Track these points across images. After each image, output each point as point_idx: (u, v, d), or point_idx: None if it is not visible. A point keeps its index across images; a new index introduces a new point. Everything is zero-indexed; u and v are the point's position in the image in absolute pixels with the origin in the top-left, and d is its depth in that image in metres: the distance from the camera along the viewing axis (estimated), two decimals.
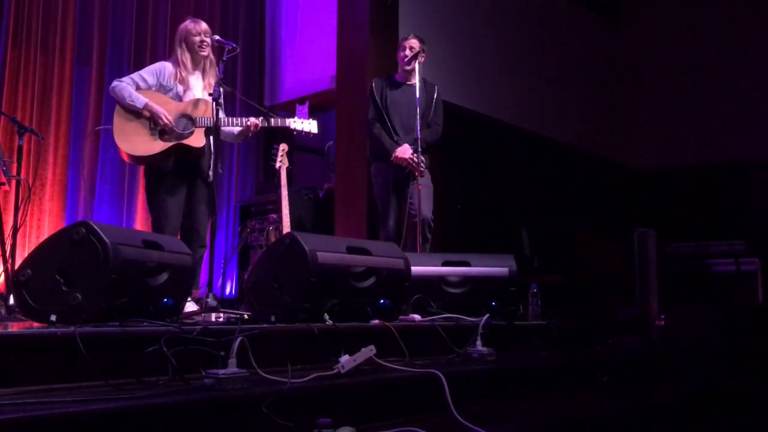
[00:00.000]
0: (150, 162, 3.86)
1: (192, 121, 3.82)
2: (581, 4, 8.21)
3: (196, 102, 3.87)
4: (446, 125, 4.79)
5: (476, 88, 6.54)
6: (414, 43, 4.61)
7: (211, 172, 3.41)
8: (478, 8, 6.74)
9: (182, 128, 3.80)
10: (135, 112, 3.80)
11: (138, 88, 3.86)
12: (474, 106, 6.45)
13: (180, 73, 3.93)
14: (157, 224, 3.85)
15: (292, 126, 4.04)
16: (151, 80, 3.91)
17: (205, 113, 3.80)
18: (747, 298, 5.71)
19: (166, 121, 3.76)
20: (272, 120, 3.99)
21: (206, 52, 3.98)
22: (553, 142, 7.37)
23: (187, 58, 3.97)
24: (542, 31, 7.53)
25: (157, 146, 3.77)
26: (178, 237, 3.82)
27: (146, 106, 3.77)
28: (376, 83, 4.70)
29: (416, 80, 4.46)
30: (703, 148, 8.15)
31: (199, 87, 3.98)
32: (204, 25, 4.01)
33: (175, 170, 3.84)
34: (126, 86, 3.82)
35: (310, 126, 4.08)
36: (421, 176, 4.41)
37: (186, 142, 3.79)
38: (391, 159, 4.46)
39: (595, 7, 8.52)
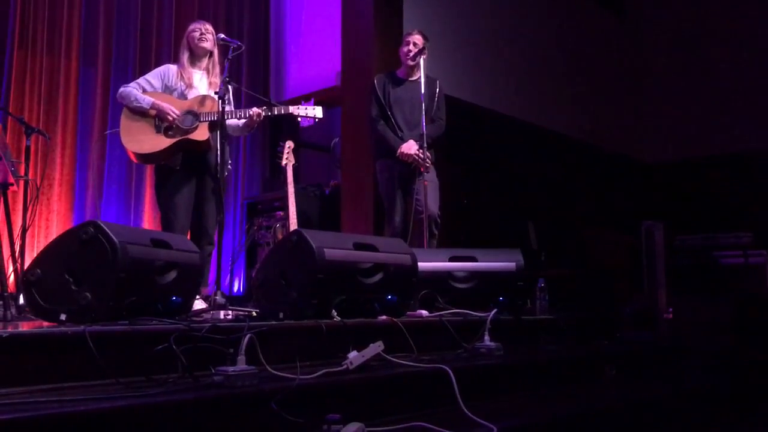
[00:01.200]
0: (157, 160, 3.88)
1: (197, 117, 3.82)
2: None
3: (203, 99, 3.87)
4: (452, 120, 4.78)
5: (482, 83, 6.52)
6: (417, 38, 4.59)
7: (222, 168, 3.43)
8: (483, 2, 6.73)
9: (188, 124, 3.81)
10: (141, 112, 3.83)
11: (144, 91, 3.89)
12: (479, 100, 6.44)
13: (182, 72, 3.96)
14: (166, 222, 3.87)
15: (296, 113, 3.95)
16: (157, 83, 3.94)
17: (212, 109, 3.81)
18: (755, 291, 5.68)
19: (174, 115, 3.77)
20: (275, 108, 3.91)
21: (206, 44, 3.99)
22: (559, 135, 7.35)
23: (187, 54, 4.00)
24: (548, 23, 7.50)
25: (163, 143, 3.79)
26: (188, 235, 3.83)
27: (153, 105, 3.80)
28: (378, 80, 4.68)
29: (420, 76, 4.45)
30: (711, 140, 8.12)
31: (203, 86, 3.99)
32: (207, 24, 4.06)
33: (183, 168, 3.85)
34: (132, 90, 3.87)
35: (315, 111, 3.98)
36: (427, 172, 4.40)
37: (190, 136, 3.79)
38: (397, 155, 4.46)
39: None
